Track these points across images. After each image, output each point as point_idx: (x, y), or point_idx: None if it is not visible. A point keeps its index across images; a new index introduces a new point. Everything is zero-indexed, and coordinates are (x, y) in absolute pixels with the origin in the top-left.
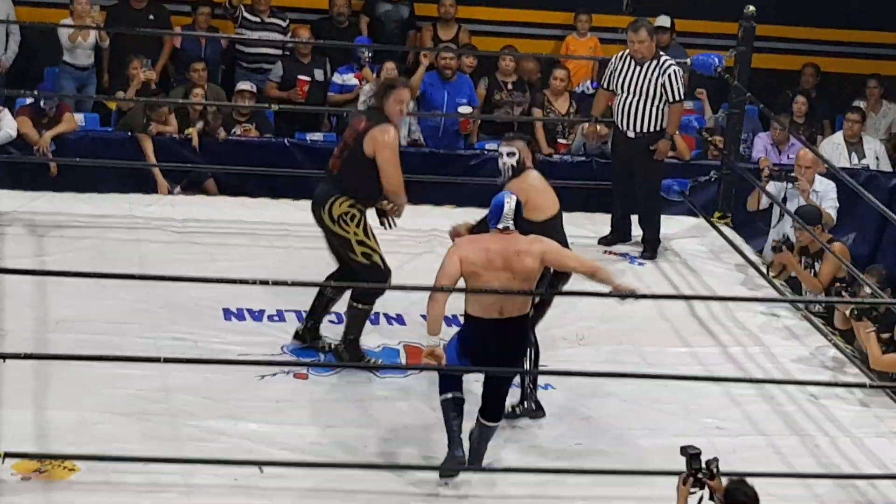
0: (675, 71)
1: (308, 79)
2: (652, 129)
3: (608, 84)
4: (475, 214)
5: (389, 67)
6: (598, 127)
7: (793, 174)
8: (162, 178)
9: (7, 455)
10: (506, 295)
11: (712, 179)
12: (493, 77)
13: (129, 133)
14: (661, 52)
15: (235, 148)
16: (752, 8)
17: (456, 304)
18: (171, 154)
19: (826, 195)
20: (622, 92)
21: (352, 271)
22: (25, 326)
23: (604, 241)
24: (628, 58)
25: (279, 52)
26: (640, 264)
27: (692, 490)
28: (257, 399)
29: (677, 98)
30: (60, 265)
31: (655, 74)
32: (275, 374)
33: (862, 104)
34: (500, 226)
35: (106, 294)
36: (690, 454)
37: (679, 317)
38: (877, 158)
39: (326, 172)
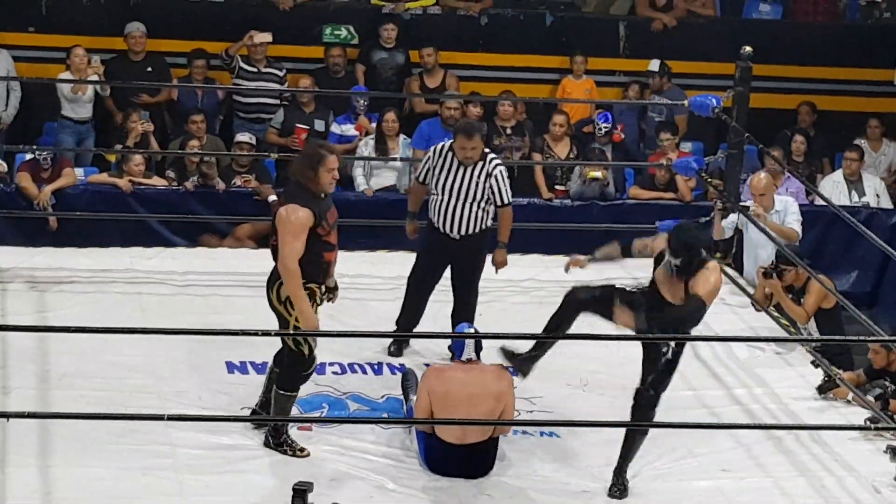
0: (501, 171)
1: (306, 128)
2: (477, 229)
3: (424, 178)
4: None
5: (390, 118)
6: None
7: (744, 204)
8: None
9: None
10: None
11: (712, 219)
12: (492, 122)
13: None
14: (487, 151)
15: (235, 198)
16: (748, 48)
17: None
18: (170, 205)
19: (788, 211)
20: (442, 194)
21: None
22: (28, 383)
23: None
24: (449, 155)
25: (277, 102)
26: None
27: None
28: (262, 452)
29: (507, 201)
30: (62, 321)
31: (483, 176)
32: None
33: (862, 142)
34: (464, 358)
35: (108, 349)
36: None
37: (683, 359)
38: (877, 196)
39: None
